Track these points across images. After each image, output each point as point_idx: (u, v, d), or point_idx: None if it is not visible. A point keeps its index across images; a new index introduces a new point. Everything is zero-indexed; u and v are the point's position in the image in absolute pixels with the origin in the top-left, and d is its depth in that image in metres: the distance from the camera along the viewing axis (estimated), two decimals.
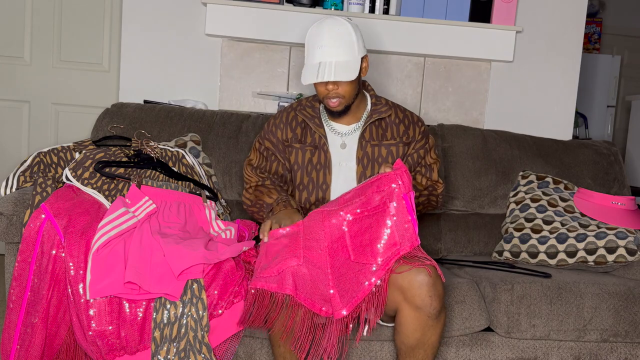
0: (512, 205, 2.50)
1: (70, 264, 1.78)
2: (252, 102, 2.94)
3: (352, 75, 1.94)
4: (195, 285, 1.80)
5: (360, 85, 2.07)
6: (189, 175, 2.28)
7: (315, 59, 1.96)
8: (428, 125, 2.54)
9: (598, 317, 2.02)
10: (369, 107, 2.13)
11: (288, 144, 2.13)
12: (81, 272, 1.78)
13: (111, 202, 1.98)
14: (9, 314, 1.82)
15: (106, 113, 2.56)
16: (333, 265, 1.74)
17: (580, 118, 5.30)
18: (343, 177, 2.07)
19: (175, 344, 1.77)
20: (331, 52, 1.95)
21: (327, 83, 1.96)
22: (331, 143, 2.10)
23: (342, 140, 2.10)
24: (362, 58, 1.99)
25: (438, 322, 1.75)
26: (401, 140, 2.12)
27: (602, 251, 2.20)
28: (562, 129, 3.04)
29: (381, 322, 1.92)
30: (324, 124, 2.12)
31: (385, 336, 1.94)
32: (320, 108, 2.15)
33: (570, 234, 2.27)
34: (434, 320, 1.74)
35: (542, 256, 2.29)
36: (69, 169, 2.02)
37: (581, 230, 2.27)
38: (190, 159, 2.35)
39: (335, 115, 2.06)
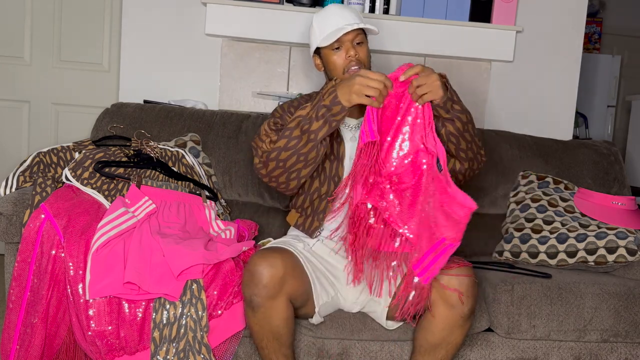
0: (513, 205, 2.49)
1: (70, 264, 1.78)
2: (252, 102, 2.94)
3: (375, 28, 1.98)
4: (194, 286, 1.80)
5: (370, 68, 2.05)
6: (188, 175, 2.28)
7: (333, 26, 1.97)
8: None
9: (598, 317, 2.01)
10: None
11: None
12: (80, 272, 1.78)
13: (111, 202, 1.98)
14: (8, 314, 1.82)
15: (106, 113, 2.56)
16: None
17: (581, 118, 5.30)
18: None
19: (174, 345, 1.77)
20: (346, 15, 1.98)
21: (347, 50, 1.95)
22: (343, 136, 2.07)
23: (352, 134, 2.06)
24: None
25: (467, 323, 1.77)
26: None
27: (602, 251, 2.20)
28: (562, 129, 3.04)
29: (388, 323, 1.92)
30: None
31: (385, 336, 1.94)
32: None
33: (571, 234, 2.27)
34: (465, 321, 1.75)
35: (542, 256, 2.29)
36: (69, 169, 2.02)
37: (581, 230, 2.27)
38: (190, 158, 2.35)
39: None
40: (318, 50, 2.04)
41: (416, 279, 1.74)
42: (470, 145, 1.93)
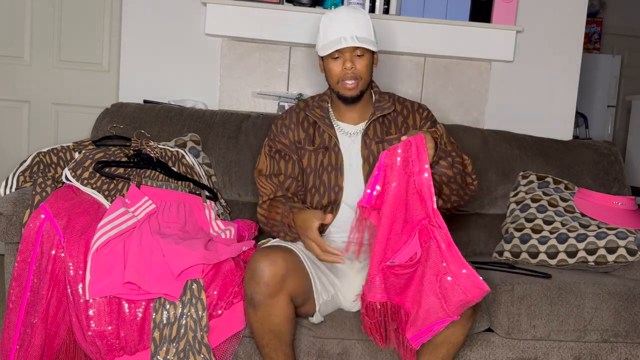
0: (513, 205, 2.49)
1: (70, 264, 1.78)
2: (252, 102, 2.94)
3: (374, 46, 1.97)
4: (194, 286, 1.80)
5: (371, 79, 2.04)
6: (188, 175, 2.28)
7: (335, 35, 1.96)
8: None
9: (598, 317, 2.01)
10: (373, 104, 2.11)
11: (300, 145, 2.08)
12: (80, 272, 1.78)
13: (111, 202, 1.98)
14: (8, 314, 1.82)
15: (106, 113, 2.56)
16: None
17: (581, 118, 5.30)
18: (353, 178, 2.03)
19: (174, 345, 1.77)
20: (350, 26, 1.96)
21: (344, 62, 1.94)
22: (341, 144, 2.06)
23: (351, 140, 2.06)
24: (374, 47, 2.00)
25: (468, 322, 1.76)
26: (400, 132, 2.06)
27: (602, 251, 2.20)
28: (562, 129, 3.04)
29: None
30: (334, 125, 2.08)
31: None
32: (329, 108, 2.11)
33: (571, 234, 2.27)
34: (466, 320, 1.74)
35: (542, 256, 2.29)
36: (69, 169, 2.02)
37: (581, 231, 2.26)
38: (190, 158, 2.35)
39: (348, 101, 2.01)
40: None
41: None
42: (456, 191, 1.94)
